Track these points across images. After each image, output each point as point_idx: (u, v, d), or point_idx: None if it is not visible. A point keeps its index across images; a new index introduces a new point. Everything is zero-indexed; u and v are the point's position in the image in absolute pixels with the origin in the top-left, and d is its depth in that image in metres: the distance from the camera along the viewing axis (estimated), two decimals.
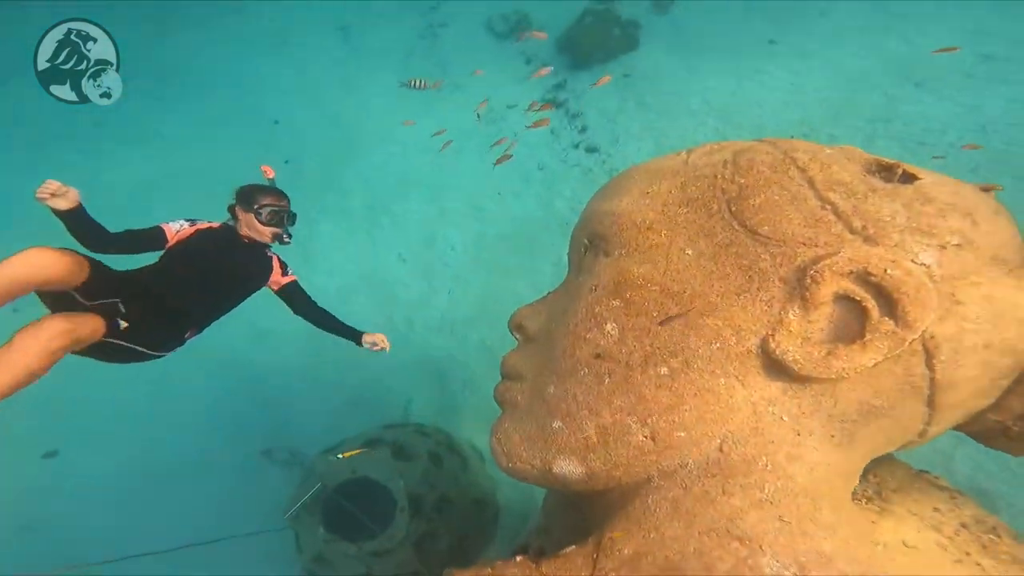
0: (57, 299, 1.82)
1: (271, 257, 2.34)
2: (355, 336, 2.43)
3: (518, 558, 0.94)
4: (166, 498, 4.05)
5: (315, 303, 2.42)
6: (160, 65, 7.02)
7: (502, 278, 5.01)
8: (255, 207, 2.20)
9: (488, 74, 5.97)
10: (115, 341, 1.79)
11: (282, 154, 6.01)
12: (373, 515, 3.27)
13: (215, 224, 2.25)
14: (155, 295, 2.00)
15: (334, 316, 2.43)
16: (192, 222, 2.20)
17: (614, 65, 6.27)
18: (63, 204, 1.81)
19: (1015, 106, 4.83)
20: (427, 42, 7.15)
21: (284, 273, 2.37)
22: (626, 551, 0.86)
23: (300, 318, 2.44)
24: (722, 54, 6.00)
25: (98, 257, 1.88)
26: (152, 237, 2.09)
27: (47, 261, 1.62)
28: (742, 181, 0.94)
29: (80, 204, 1.87)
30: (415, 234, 5.56)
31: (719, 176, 0.97)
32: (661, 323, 0.90)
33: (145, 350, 1.91)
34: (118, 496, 4.14)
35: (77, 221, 1.88)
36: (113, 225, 2.00)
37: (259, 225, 2.20)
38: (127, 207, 5.54)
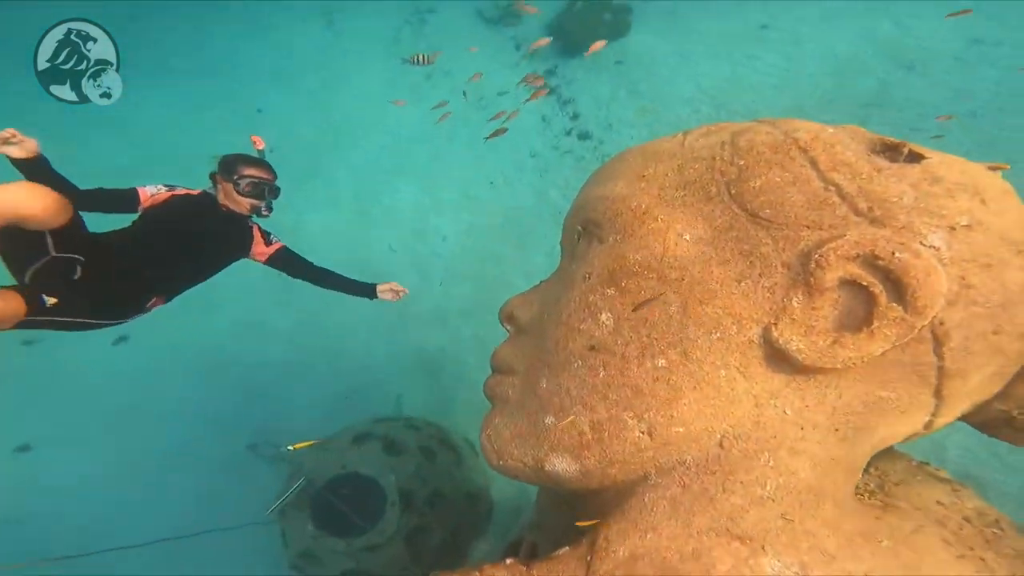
0: (25, 243, 1.66)
1: (251, 228, 2.24)
2: (366, 290, 2.35)
3: (508, 560, 0.89)
4: (149, 493, 3.99)
5: (312, 264, 2.33)
6: (142, 53, 6.81)
7: (494, 269, 4.95)
8: (235, 177, 2.11)
9: (478, 60, 5.86)
10: (44, 318, 1.67)
11: (266, 143, 5.88)
12: (365, 510, 3.24)
13: (194, 191, 2.17)
14: (123, 259, 1.89)
15: (338, 273, 2.34)
16: (170, 187, 2.11)
17: (605, 51, 6.18)
18: (18, 152, 1.72)
19: (1004, 90, 4.83)
20: (414, 28, 7.00)
21: (268, 243, 2.26)
22: (622, 552, 0.82)
23: (303, 287, 2.33)
24: (715, 39, 5.93)
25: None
26: (124, 198, 1.99)
27: (36, 193, 1.53)
28: (741, 163, 0.89)
29: (40, 154, 1.76)
30: (405, 225, 5.47)
31: (717, 158, 0.92)
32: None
33: (87, 320, 1.80)
34: (100, 491, 4.06)
35: (37, 172, 1.77)
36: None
37: (237, 196, 2.11)
38: None
